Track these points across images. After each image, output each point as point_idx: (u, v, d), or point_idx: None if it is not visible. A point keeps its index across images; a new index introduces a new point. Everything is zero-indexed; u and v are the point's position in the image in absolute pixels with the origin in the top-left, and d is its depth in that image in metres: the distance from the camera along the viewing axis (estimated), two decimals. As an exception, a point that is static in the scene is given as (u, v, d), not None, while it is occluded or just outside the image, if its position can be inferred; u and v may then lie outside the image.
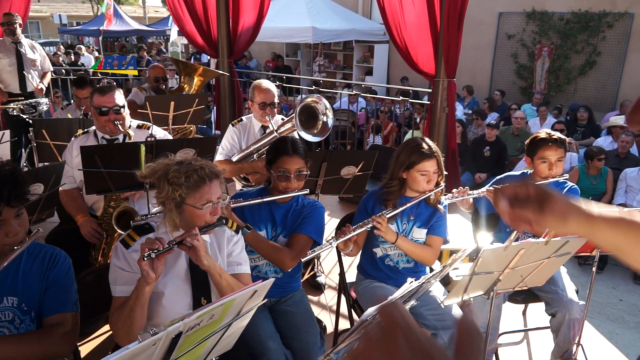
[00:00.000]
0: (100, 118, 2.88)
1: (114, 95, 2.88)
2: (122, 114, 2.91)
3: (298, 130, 3.08)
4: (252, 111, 3.58)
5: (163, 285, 1.80)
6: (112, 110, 2.86)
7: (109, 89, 2.89)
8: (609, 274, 5.11)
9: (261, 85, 3.50)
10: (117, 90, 2.93)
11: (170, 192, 1.73)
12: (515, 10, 10.88)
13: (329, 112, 3.17)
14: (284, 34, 11.83)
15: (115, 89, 2.94)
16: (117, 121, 2.86)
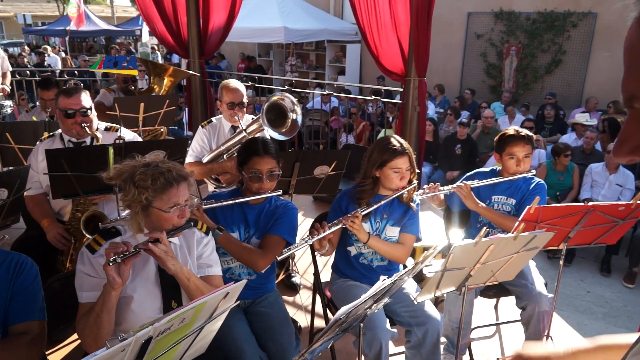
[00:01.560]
0: (66, 121, 2.81)
1: (80, 96, 2.81)
2: (89, 116, 2.84)
3: (266, 128, 3.06)
4: (222, 111, 3.55)
5: (132, 289, 1.77)
6: (78, 113, 2.80)
7: (75, 91, 2.83)
8: (576, 267, 5.26)
9: (229, 85, 3.47)
10: (83, 92, 2.86)
11: (137, 195, 1.70)
12: (483, 10, 11.08)
13: (297, 108, 3.16)
14: (255, 34, 11.77)
15: (82, 90, 2.87)
16: (84, 123, 2.80)
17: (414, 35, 4.54)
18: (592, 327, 4.14)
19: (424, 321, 2.33)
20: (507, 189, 2.80)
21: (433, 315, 2.35)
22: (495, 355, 2.94)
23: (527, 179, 2.78)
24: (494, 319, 3.24)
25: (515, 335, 2.99)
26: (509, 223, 2.60)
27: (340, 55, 13.29)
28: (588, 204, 2.33)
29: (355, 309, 1.69)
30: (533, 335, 2.63)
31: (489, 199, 2.83)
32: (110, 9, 26.79)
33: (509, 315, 3.18)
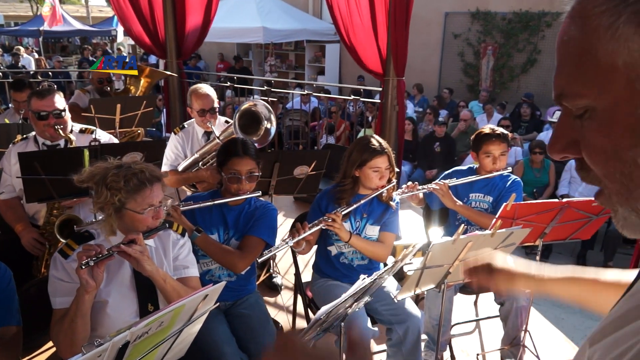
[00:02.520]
0: (39, 123, 2.75)
1: (53, 98, 2.75)
2: (63, 118, 2.79)
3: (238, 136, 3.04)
4: (193, 117, 3.50)
5: (107, 293, 1.74)
6: (51, 115, 2.74)
7: (48, 92, 2.77)
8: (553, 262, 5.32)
9: (198, 91, 3.41)
10: (56, 94, 2.81)
11: (109, 197, 1.68)
12: (460, 10, 11.21)
13: (273, 117, 3.15)
14: (234, 34, 11.70)
15: (55, 92, 2.82)
16: (58, 126, 2.74)
17: (392, 36, 4.57)
18: (569, 321, 4.23)
19: (404, 319, 2.34)
20: (484, 186, 2.83)
21: (413, 313, 2.37)
22: (475, 351, 2.98)
23: (503, 177, 2.82)
24: (473, 315, 3.28)
25: (495, 330, 3.03)
26: (487, 220, 2.63)
27: (319, 55, 13.30)
28: (563, 201, 2.38)
29: (336, 308, 1.69)
30: (511, 330, 2.68)
31: (467, 197, 2.87)
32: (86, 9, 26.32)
33: (488, 311, 3.23)
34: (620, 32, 0.45)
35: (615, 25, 0.45)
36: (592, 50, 0.47)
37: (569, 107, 0.52)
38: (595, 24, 0.47)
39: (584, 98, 0.50)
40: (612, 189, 0.52)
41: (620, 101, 0.47)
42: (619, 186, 0.50)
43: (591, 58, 0.47)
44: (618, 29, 0.45)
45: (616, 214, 0.53)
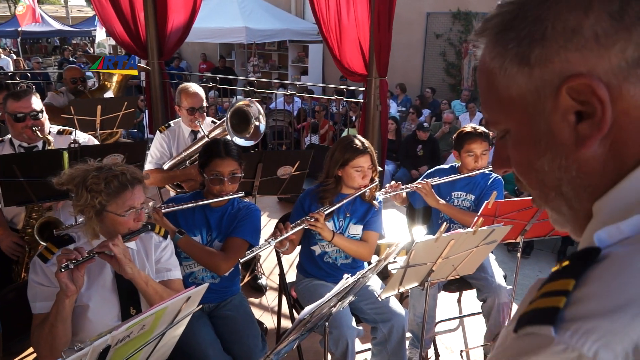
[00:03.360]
0: (16, 125, 2.70)
1: (30, 100, 2.71)
2: (41, 120, 2.74)
3: (230, 135, 3.03)
4: (181, 116, 3.47)
5: (87, 297, 1.72)
6: (29, 116, 2.69)
7: (24, 94, 2.72)
8: (535, 259, 5.45)
9: (188, 90, 3.39)
10: (33, 95, 2.76)
11: (90, 199, 1.66)
12: (441, 10, 11.30)
13: (262, 117, 3.15)
14: (216, 34, 11.63)
15: (31, 93, 2.77)
16: (35, 127, 2.70)
17: (375, 36, 4.59)
18: (551, 316, 4.30)
19: (389, 317, 2.36)
20: (466, 185, 2.86)
21: (398, 311, 2.38)
22: (459, 348, 3.01)
23: (485, 175, 2.86)
24: (457, 312, 3.31)
25: (478, 327, 3.06)
26: (469, 218, 2.66)
27: (302, 55, 13.29)
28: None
29: (320, 308, 1.70)
30: (494, 326, 2.71)
31: (449, 195, 2.89)
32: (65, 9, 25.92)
33: (471, 307, 3.26)
34: (509, 71, 0.57)
35: (504, 67, 0.57)
36: (495, 86, 0.59)
37: (494, 130, 0.64)
38: (491, 67, 0.59)
39: (499, 124, 0.62)
40: (534, 195, 0.63)
41: (522, 124, 0.58)
42: (539, 191, 0.61)
43: (496, 93, 0.59)
44: (507, 69, 0.57)
45: (547, 213, 0.64)
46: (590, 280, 0.45)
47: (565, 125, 0.53)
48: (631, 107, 0.51)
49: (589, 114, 0.52)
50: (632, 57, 0.50)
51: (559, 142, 0.55)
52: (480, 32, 0.62)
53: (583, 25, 0.51)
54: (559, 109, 0.53)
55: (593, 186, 0.55)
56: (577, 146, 0.53)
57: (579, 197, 0.57)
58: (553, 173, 0.57)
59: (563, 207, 0.59)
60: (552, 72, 0.53)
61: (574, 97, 0.52)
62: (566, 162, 0.55)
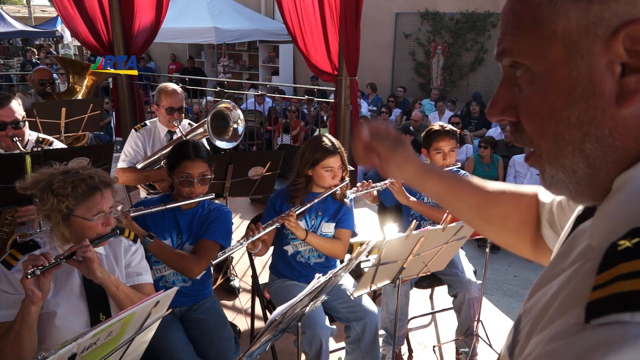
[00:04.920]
0: None
1: (12, 107, 2.57)
2: (22, 129, 2.62)
3: (210, 137, 3.00)
4: (158, 115, 3.42)
5: (55, 304, 1.68)
6: (9, 125, 2.57)
7: (6, 100, 2.58)
8: (504, 253, 5.56)
9: (168, 89, 3.34)
10: (14, 100, 2.61)
11: (56, 204, 1.62)
12: (410, 10, 11.43)
13: (241, 120, 3.14)
14: (185, 34, 11.48)
15: (13, 98, 2.62)
16: (16, 137, 2.57)
17: (343, 36, 4.61)
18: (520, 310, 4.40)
19: (362, 315, 2.37)
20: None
21: (370, 309, 2.40)
22: (432, 343, 3.05)
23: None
24: (429, 308, 3.36)
25: (450, 322, 3.11)
26: (439, 215, 2.70)
27: (273, 55, 13.25)
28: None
29: (292, 308, 1.69)
30: (465, 321, 2.76)
31: (419, 193, 2.93)
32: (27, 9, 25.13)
33: (443, 303, 3.31)
34: (560, 3, 0.50)
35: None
36: (536, 18, 0.52)
37: (509, 66, 0.57)
38: None
39: (527, 58, 0.54)
40: (543, 148, 0.56)
41: (557, 65, 0.51)
42: (551, 145, 0.54)
43: (535, 24, 0.52)
44: (558, 1, 0.50)
45: (544, 173, 0.58)
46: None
47: (610, 75, 0.48)
48: None
49: (637, 68, 0.47)
50: None
51: (598, 93, 0.49)
52: None
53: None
54: (607, 55, 0.48)
55: (625, 149, 0.50)
56: (617, 101, 0.48)
57: (605, 157, 0.51)
58: (581, 126, 0.51)
59: (580, 165, 0.53)
60: (614, 12, 0.47)
61: (627, 45, 0.47)
62: (602, 117, 0.49)
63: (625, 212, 0.48)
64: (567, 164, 0.54)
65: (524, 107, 0.56)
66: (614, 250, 0.42)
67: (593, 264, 0.45)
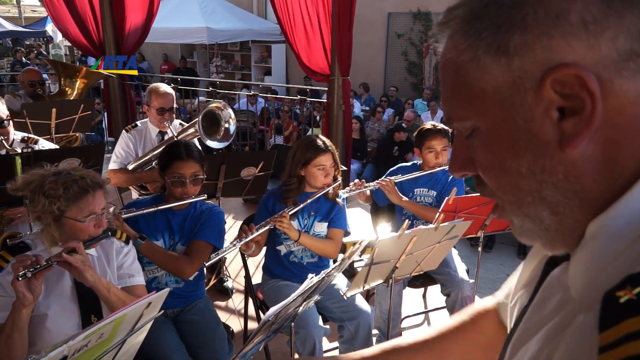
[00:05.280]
0: None
1: None
2: (6, 128, 2.61)
3: (201, 136, 2.99)
4: (149, 116, 3.40)
5: (46, 306, 1.66)
6: None
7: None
8: (497, 252, 5.59)
9: (159, 89, 3.33)
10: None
11: (47, 205, 1.61)
12: (402, 10, 11.45)
13: (232, 120, 3.13)
14: (177, 34, 11.44)
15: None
16: (1, 136, 2.56)
17: (336, 36, 4.61)
18: (513, 308, 4.42)
19: (355, 315, 2.37)
20: (428, 181, 2.92)
21: (364, 309, 2.40)
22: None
23: (446, 171, 2.91)
24: (422, 308, 3.37)
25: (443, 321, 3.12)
26: (431, 214, 2.71)
27: (265, 55, 13.22)
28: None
29: (285, 308, 1.69)
30: (458, 320, 2.76)
31: (412, 192, 2.94)
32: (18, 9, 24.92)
33: (436, 302, 3.32)
34: (483, 62, 0.51)
35: (477, 58, 0.51)
36: (465, 80, 0.53)
37: (459, 128, 0.57)
38: (462, 59, 0.52)
39: (467, 120, 0.55)
40: (505, 200, 0.56)
41: (497, 121, 0.52)
42: (511, 196, 0.54)
43: (466, 87, 0.53)
44: (480, 60, 0.51)
45: (513, 224, 0.57)
46: None
47: (548, 122, 0.48)
48: (625, 104, 0.46)
49: (574, 110, 0.47)
50: (624, 47, 0.45)
51: (541, 141, 0.49)
52: (444, 23, 0.56)
53: (569, 9, 0.46)
54: (541, 104, 0.48)
55: (586, 191, 0.49)
56: (562, 146, 0.48)
57: (568, 202, 0.50)
58: (533, 176, 0.51)
59: (543, 213, 0.52)
60: (534, 62, 0.47)
61: (557, 90, 0.47)
62: (550, 163, 0.49)
63: (608, 259, 0.47)
64: (532, 213, 0.53)
65: (478, 162, 0.56)
66: (615, 303, 0.39)
67: (588, 318, 0.43)
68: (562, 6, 0.46)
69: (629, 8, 0.45)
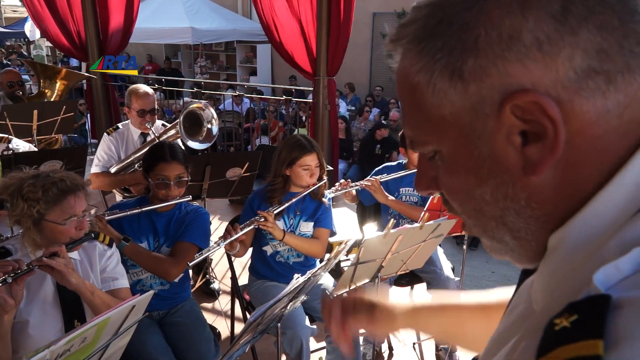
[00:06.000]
0: None
1: None
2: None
3: (183, 138, 2.97)
4: (130, 118, 3.37)
5: (27, 312, 1.64)
6: None
7: None
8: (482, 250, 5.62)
9: (139, 91, 3.30)
10: None
11: (26, 208, 1.58)
12: (387, 10, 11.50)
13: (215, 120, 3.12)
14: (161, 34, 11.34)
15: None
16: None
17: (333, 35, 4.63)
18: (498, 305, 4.47)
19: (342, 315, 2.37)
20: (413, 180, 2.93)
21: (350, 308, 2.40)
22: (412, 340, 3.07)
23: (431, 170, 2.93)
24: (409, 306, 3.38)
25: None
26: (417, 213, 2.72)
27: (250, 55, 13.17)
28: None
29: (271, 309, 1.69)
30: (444, 318, 2.78)
31: (398, 191, 2.95)
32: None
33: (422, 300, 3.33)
34: (438, 87, 0.48)
35: (433, 82, 0.48)
36: (422, 104, 0.50)
37: (421, 151, 0.56)
38: (416, 81, 0.50)
39: (429, 145, 0.53)
40: (469, 223, 0.55)
41: (458, 147, 0.50)
42: (475, 220, 0.53)
43: (424, 111, 0.50)
44: (436, 85, 0.48)
45: (482, 242, 0.57)
46: (622, 339, 0.35)
47: (511, 148, 0.46)
48: (585, 125, 0.44)
49: (537, 134, 0.45)
50: (581, 66, 0.43)
51: (504, 169, 0.47)
52: (397, 39, 0.53)
53: (522, 30, 0.43)
54: (502, 130, 0.46)
55: (547, 215, 0.48)
56: (525, 172, 0.46)
57: (529, 227, 0.49)
58: (496, 203, 0.49)
59: (506, 237, 0.52)
60: (491, 88, 0.45)
61: (518, 116, 0.45)
62: (513, 190, 0.48)
63: (564, 275, 0.47)
64: (496, 236, 0.53)
65: (442, 184, 0.54)
66: (551, 330, 0.39)
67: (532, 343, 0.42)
68: (514, 27, 0.44)
69: (584, 24, 0.43)
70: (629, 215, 0.43)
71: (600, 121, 0.44)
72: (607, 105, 0.44)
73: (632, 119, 0.44)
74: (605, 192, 0.45)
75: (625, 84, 0.44)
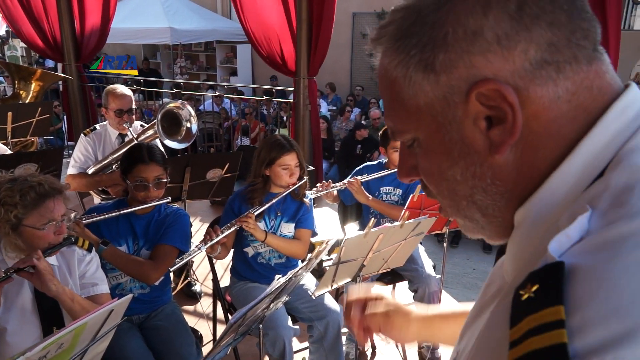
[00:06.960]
0: None
1: None
2: None
3: (161, 137, 2.94)
4: (107, 118, 3.33)
5: (4, 320, 1.61)
6: None
7: None
8: (463, 247, 5.70)
9: (116, 91, 3.25)
10: None
11: (3, 213, 1.55)
12: (367, 10, 11.55)
13: (193, 118, 3.09)
14: (139, 34, 11.17)
15: None
16: None
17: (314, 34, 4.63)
18: (479, 301, 4.52)
19: (324, 314, 2.38)
20: (394, 180, 2.95)
21: (333, 308, 2.41)
22: (395, 339, 3.09)
23: (411, 170, 2.95)
24: (391, 304, 3.39)
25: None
26: (397, 212, 2.74)
27: (230, 55, 13.09)
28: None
29: (252, 310, 1.68)
30: (425, 315, 2.81)
31: (378, 191, 2.97)
32: (-32, 9, 23.89)
33: (405, 298, 3.36)
34: (414, 79, 0.54)
35: (409, 75, 0.54)
36: (400, 96, 0.56)
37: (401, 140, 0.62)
38: (394, 76, 0.56)
39: (407, 133, 0.59)
40: (445, 204, 0.61)
41: (432, 133, 0.56)
42: (449, 201, 0.59)
43: (402, 102, 0.57)
44: (412, 78, 0.54)
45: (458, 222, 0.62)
46: (580, 302, 0.39)
47: (477, 132, 0.52)
48: (540, 110, 0.50)
49: (499, 118, 0.50)
50: (535, 57, 0.49)
51: (472, 150, 0.53)
52: (377, 39, 0.59)
53: (483, 27, 0.50)
54: (469, 116, 0.52)
55: (510, 192, 0.54)
56: (490, 153, 0.52)
57: (495, 204, 0.55)
58: (466, 182, 0.55)
59: (476, 215, 0.57)
60: (459, 78, 0.51)
61: (483, 102, 0.50)
62: (480, 169, 0.54)
63: (525, 250, 0.53)
64: (468, 215, 0.59)
65: (420, 169, 0.60)
66: (518, 301, 0.43)
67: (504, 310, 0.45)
68: (477, 24, 0.50)
69: (536, 21, 0.49)
70: (579, 191, 0.50)
71: (552, 106, 0.50)
72: (558, 91, 0.50)
73: (579, 105, 0.51)
74: (559, 172, 0.51)
75: (573, 72, 0.50)
